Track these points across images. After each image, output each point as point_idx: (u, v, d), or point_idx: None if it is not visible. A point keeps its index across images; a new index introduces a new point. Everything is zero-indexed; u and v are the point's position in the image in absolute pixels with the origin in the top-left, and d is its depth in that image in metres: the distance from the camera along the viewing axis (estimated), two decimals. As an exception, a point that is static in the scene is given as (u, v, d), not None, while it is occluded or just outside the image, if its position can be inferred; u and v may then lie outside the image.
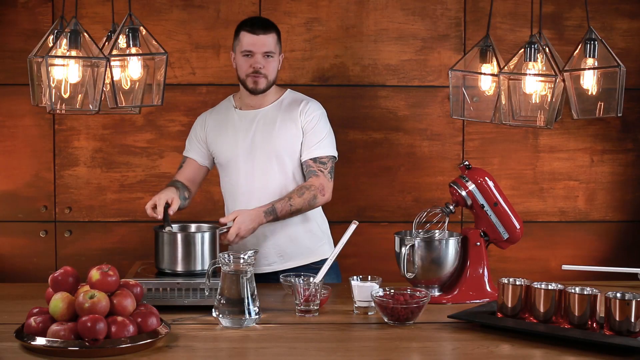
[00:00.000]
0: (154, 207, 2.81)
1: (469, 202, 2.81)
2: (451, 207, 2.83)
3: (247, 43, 2.99)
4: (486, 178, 2.81)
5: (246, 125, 3.08)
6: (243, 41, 3.00)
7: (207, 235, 2.67)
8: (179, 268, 2.63)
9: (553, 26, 3.78)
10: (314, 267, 2.91)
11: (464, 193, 2.80)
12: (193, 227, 2.79)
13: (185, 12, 3.76)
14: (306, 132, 3.05)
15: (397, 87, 3.82)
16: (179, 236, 2.65)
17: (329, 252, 3.01)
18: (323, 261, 2.76)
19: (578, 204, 3.92)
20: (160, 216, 2.77)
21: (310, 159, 3.03)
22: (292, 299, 2.60)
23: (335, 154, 3.09)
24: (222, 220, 2.82)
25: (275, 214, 2.91)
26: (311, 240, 3.12)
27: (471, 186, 2.81)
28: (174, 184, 3.06)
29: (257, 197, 3.02)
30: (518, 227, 2.80)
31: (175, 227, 2.76)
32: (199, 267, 2.63)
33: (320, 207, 3.13)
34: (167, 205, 2.79)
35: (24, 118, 3.77)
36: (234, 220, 2.80)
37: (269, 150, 3.04)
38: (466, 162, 2.83)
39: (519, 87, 2.67)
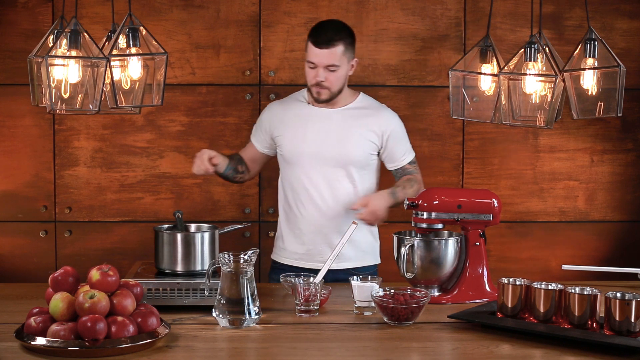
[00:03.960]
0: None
1: (439, 225, 2.80)
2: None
3: (311, 54, 3.00)
4: (435, 196, 2.79)
5: (318, 122, 3.09)
6: (309, 51, 3.01)
7: (206, 235, 2.67)
8: (179, 268, 2.63)
9: (553, 26, 3.78)
10: (359, 272, 2.96)
11: (424, 225, 2.78)
12: (193, 227, 2.79)
13: (185, 12, 3.76)
14: (394, 142, 3.11)
15: (397, 87, 3.82)
16: (179, 236, 2.65)
17: (379, 258, 3.21)
18: (370, 267, 3.04)
19: (578, 204, 3.92)
20: (205, 164, 2.92)
21: (407, 164, 3.14)
22: (292, 299, 2.60)
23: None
24: (354, 206, 2.96)
25: (396, 199, 3.00)
26: (367, 244, 3.16)
27: (425, 216, 2.78)
28: (234, 155, 3.13)
29: (319, 194, 3.07)
30: (492, 200, 2.79)
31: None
32: (198, 267, 2.63)
33: None
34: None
35: (24, 118, 3.77)
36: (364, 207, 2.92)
37: (337, 151, 3.06)
38: (408, 202, 2.78)
39: (519, 87, 2.67)
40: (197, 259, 2.63)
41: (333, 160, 3.06)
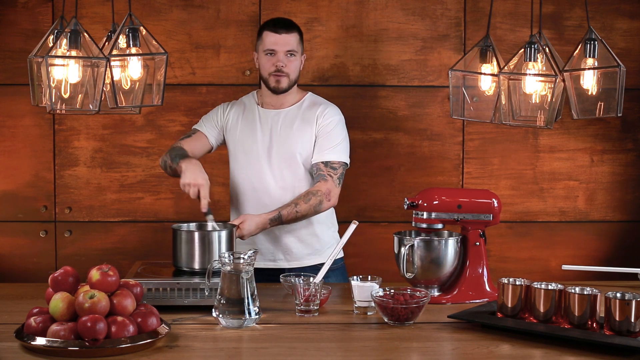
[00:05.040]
0: (196, 194, 2.87)
1: (439, 225, 2.80)
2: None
3: (270, 42, 3.04)
4: (435, 196, 2.78)
5: (266, 123, 3.12)
6: (266, 40, 3.05)
7: (224, 234, 2.69)
8: (196, 266, 2.65)
9: (553, 26, 3.78)
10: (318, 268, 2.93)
11: (424, 225, 2.79)
12: (209, 225, 2.81)
13: (185, 12, 3.76)
14: (320, 135, 3.08)
15: (397, 87, 3.82)
16: (197, 234, 2.68)
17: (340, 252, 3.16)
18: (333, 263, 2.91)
19: (578, 204, 3.92)
20: (205, 209, 2.85)
21: (322, 162, 3.06)
22: (292, 299, 2.60)
23: (348, 161, 3.12)
24: (234, 221, 2.91)
25: (281, 220, 2.96)
26: (319, 243, 3.16)
27: (425, 216, 2.78)
28: (183, 151, 3.06)
29: (267, 195, 3.09)
30: (492, 200, 2.79)
31: (192, 225, 2.83)
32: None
33: (334, 211, 3.22)
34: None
35: (24, 118, 3.77)
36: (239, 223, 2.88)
37: (284, 151, 3.09)
38: (408, 202, 2.79)
39: (519, 87, 2.68)
40: (214, 257, 2.64)
41: (280, 159, 3.09)
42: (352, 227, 2.72)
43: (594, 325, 2.31)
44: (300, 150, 3.09)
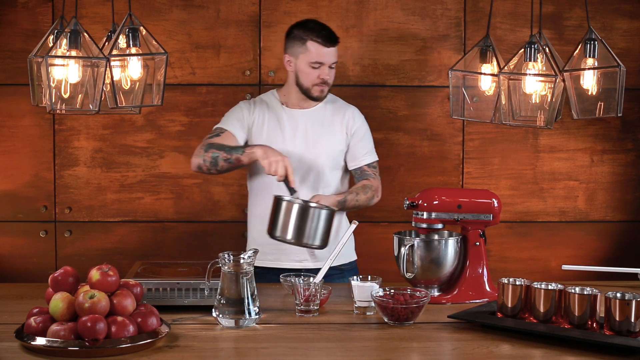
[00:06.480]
0: (284, 171, 2.83)
1: (439, 225, 2.80)
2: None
3: (318, 54, 3.04)
4: (435, 196, 2.78)
5: (294, 123, 3.13)
6: (313, 52, 3.04)
7: (323, 213, 2.71)
8: (289, 237, 2.70)
9: (553, 26, 3.78)
10: (339, 269, 3.03)
11: (424, 225, 2.78)
12: (314, 203, 2.81)
13: (185, 12, 3.76)
14: (355, 140, 3.16)
15: (397, 87, 3.82)
16: (297, 206, 2.70)
17: (354, 255, 3.25)
18: (348, 264, 3.07)
19: (578, 204, 3.92)
20: (294, 185, 2.83)
21: (366, 165, 3.17)
22: (292, 299, 2.60)
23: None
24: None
25: (344, 206, 3.03)
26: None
27: (425, 216, 2.78)
28: (231, 143, 3.03)
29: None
30: (492, 200, 2.79)
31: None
32: (309, 241, 2.69)
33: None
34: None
35: (24, 118, 3.77)
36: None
37: (314, 150, 3.10)
38: (408, 202, 2.79)
39: (519, 87, 2.68)
40: (309, 232, 2.68)
41: (310, 158, 3.09)
42: (352, 226, 2.72)
43: (594, 325, 2.31)
44: (328, 150, 3.12)
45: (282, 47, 3.17)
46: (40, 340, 2.15)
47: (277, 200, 2.75)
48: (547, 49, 2.71)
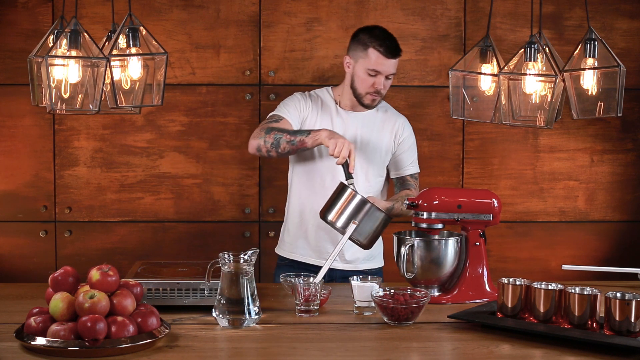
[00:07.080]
0: (347, 155, 2.80)
1: (439, 225, 2.79)
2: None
3: (377, 63, 3.01)
4: (435, 196, 2.78)
5: (346, 123, 3.12)
6: (372, 59, 3.01)
7: (380, 215, 2.68)
8: (339, 224, 2.68)
9: (553, 26, 3.78)
10: (367, 273, 3.01)
11: (424, 225, 2.78)
12: (349, 189, 2.76)
13: (185, 12, 3.77)
14: (403, 149, 3.17)
15: (397, 87, 3.82)
16: (358, 197, 2.67)
17: (383, 260, 3.25)
18: (375, 270, 3.07)
19: (578, 204, 3.92)
20: (353, 170, 2.80)
21: (409, 175, 3.18)
22: (292, 299, 2.60)
23: None
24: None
25: (390, 213, 3.00)
26: (375, 248, 3.11)
27: (425, 216, 2.78)
28: (293, 127, 3.03)
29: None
30: (492, 200, 2.79)
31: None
32: (357, 235, 2.67)
33: None
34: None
35: (24, 118, 3.77)
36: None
37: (363, 153, 3.10)
38: (408, 202, 2.78)
39: (519, 87, 2.67)
40: (361, 227, 2.66)
41: (359, 160, 3.07)
42: (352, 227, 2.72)
43: (594, 325, 2.31)
44: (375, 156, 3.12)
45: (282, 47, 3.17)
46: (40, 340, 2.15)
47: (342, 187, 2.72)
48: (547, 49, 2.71)
